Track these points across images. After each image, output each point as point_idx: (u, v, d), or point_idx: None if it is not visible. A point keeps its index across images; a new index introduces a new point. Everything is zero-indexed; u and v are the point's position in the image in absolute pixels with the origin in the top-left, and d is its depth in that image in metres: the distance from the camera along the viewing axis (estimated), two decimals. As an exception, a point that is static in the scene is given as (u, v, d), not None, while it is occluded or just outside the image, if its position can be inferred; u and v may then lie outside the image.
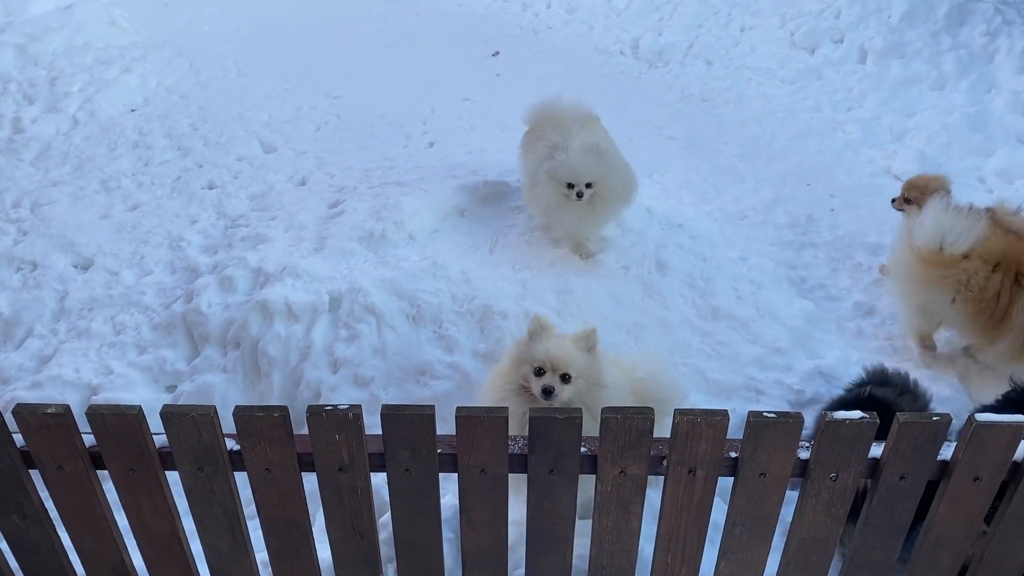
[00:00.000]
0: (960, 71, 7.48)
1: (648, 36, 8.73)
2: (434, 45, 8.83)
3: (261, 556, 2.66)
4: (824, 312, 4.54)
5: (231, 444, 2.35)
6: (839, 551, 2.90)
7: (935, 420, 2.23)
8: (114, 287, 4.98)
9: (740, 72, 8.03)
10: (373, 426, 2.28)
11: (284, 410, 2.26)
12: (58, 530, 2.57)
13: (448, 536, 2.83)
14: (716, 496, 2.42)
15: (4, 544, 2.59)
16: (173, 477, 2.39)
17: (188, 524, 2.55)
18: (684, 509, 2.41)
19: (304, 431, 2.30)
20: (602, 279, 4.50)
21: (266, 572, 2.75)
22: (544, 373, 3.03)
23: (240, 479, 2.41)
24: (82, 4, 9.04)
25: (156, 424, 2.30)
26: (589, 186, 4.46)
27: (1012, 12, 8.01)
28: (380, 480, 2.44)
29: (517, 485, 2.48)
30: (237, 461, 2.36)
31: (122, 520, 2.52)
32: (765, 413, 2.25)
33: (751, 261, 4.85)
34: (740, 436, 2.29)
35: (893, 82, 7.55)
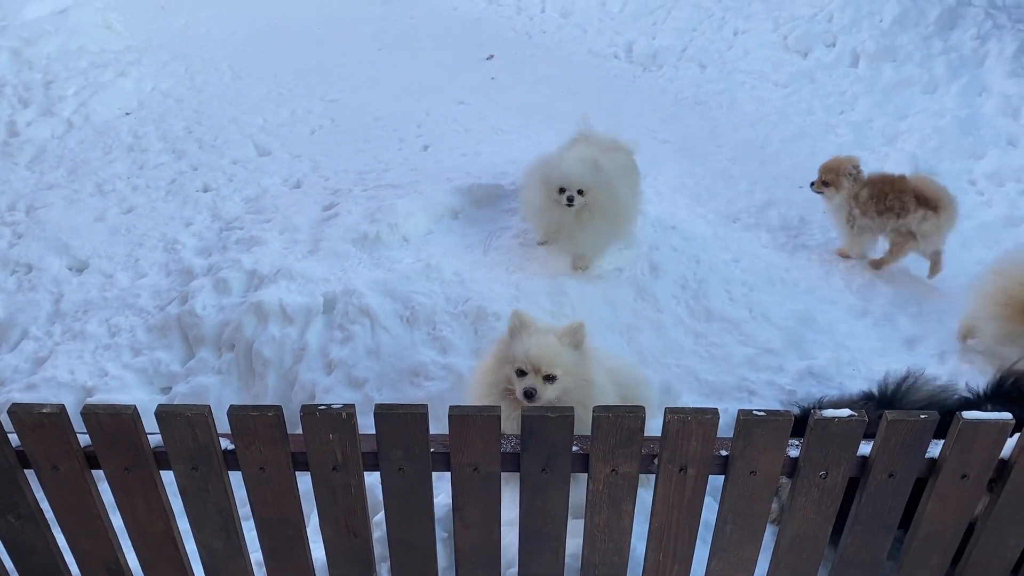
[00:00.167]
0: (951, 74, 7.55)
1: (642, 40, 8.78)
2: (429, 49, 8.87)
3: (256, 556, 2.66)
4: (816, 314, 4.57)
5: (225, 444, 2.36)
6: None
7: (922, 418, 2.25)
8: (109, 289, 4.99)
9: (733, 75, 8.09)
10: (367, 427, 2.30)
11: (278, 409, 2.27)
12: (53, 530, 2.57)
13: (442, 535, 2.84)
14: (708, 495, 2.44)
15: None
16: (168, 478, 2.40)
17: (183, 525, 2.55)
18: (675, 507, 2.43)
19: (298, 432, 2.31)
20: (596, 281, 4.52)
21: (260, 572, 2.75)
22: (526, 374, 2.88)
23: (235, 479, 2.42)
24: (77, 8, 9.07)
25: (151, 426, 2.31)
26: (581, 193, 4.29)
27: (1002, 16, 8.07)
28: (374, 480, 2.46)
29: (512, 485, 2.50)
30: (231, 460, 2.37)
31: (117, 520, 2.52)
32: (755, 411, 2.26)
33: (744, 263, 4.88)
34: (731, 435, 2.31)
35: (885, 85, 7.62)
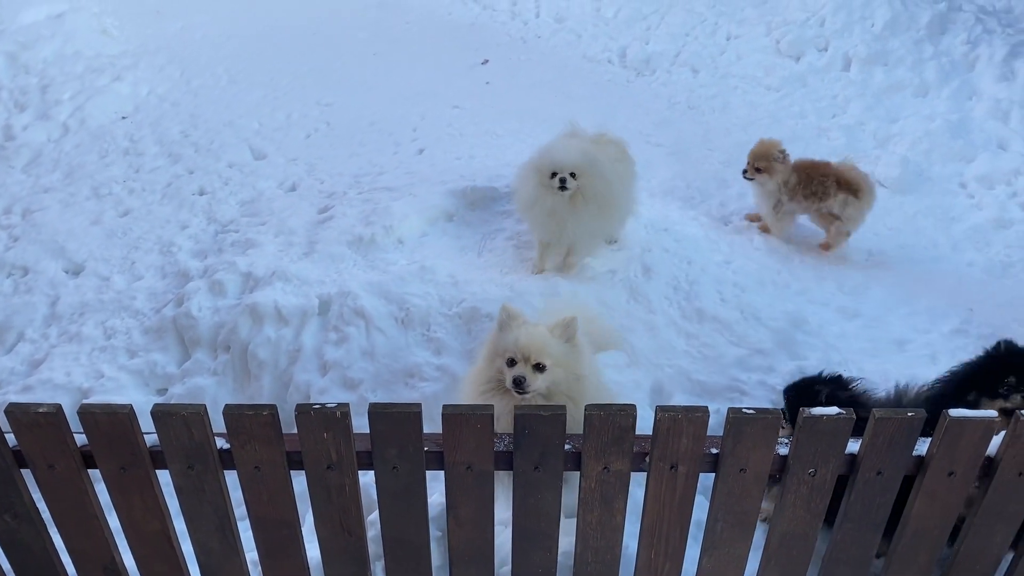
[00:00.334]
0: (942, 78, 7.61)
1: (636, 45, 8.83)
2: (424, 53, 8.90)
3: (251, 555, 2.68)
4: (807, 315, 4.60)
5: (221, 443, 2.37)
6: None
7: (910, 416, 2.28)
8: (105, 292, 5.01)
9: (726, 80, 8.14)
10: (362, 428, 2.32)
11: (273, 408, 2.29)
12: (50, 529, 2.58)
13: (435, 534, 2.85)
14: (699, 494, 2.46)
15: (-4, 544, 2.61)
16: (165, 478, 2.41)
17: (179, 525, 2.57)
18: (667, 505, 2.45)
19: (294, 432, 2.33)
20: (589, 282, 4.55)
21: (256, 571, 2.77)
22: (517, 363, 2.88)
23: (230, 480, 2.43)
24: (73, 13, 9.07)
25: (147, 428, 2.33)
26: (574, 176, 4.25)
27: (992, 21, 8.14)
28: (368, 480, 2.48)
29: (506, 484, 2.51)
30: (227, 460, 2.38)
31: (113, 520, 2.53)
32: (744, 409, 2.29)
33: (735, 265, 4.92)
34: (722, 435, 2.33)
35: (877, 89, 7.67)
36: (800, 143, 6.97)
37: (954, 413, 2.28)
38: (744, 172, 5.46)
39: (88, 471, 2.42)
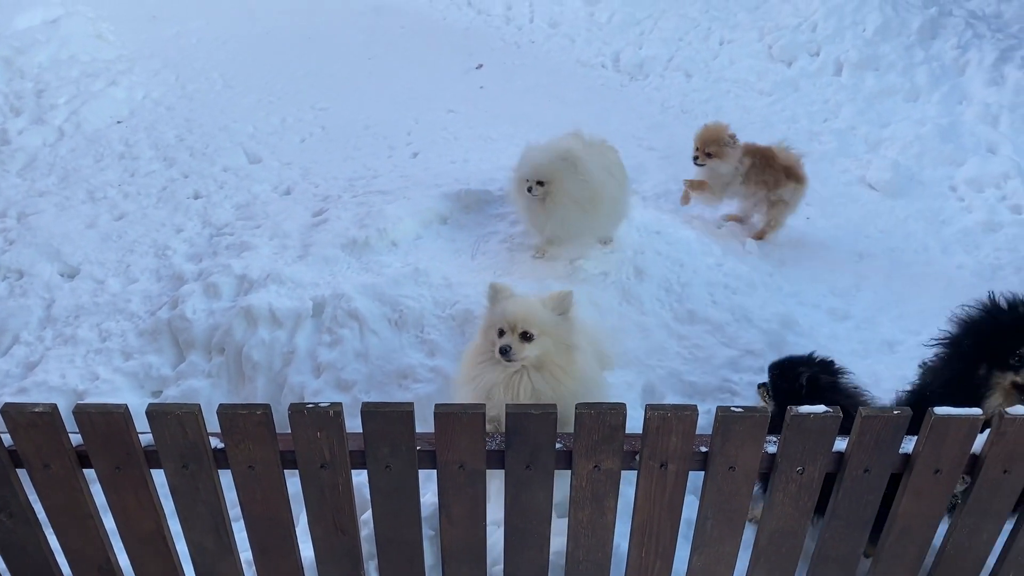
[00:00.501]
0: (932, 83, 7.67)
1: (629, 49, 8.88)
2: (419, 58, 8.94)
3: (245, 555, 2.69)
4: (798, 316, 4.64)
5: (215, 442, 2.39)
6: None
7: (896, 414, 2.31)
8: (100, 295, 5.02)
9: (719, 84, 8.19)
10: (355, 429, 2.34)
11: (267, 408, 2.31)
12: (45, 530, 2.59)
13: (428, 533, 2.87)
14: (690, 493, 2.48)
15: (-9, 544, 2.62)
16: (160, 480, 2.43)
17: (174, 525, 2.59)
18: (657, 503, 2.47)
19: (287, 432, 2.34)
20: (582, 284, 4.57)
21: (250, 571, 2.78)
22: (505, 334, 2.93)
23: (225, 481, 2.45)
24: (68, 18, 9.09)
25: (141, 429, 2.35)
26: (541, 184, 4.43)
27: (982, 26, 8.21)
28: (361, 480, 2.50)
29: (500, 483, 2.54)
30: (221, 459, 2.40)
31: (108, 521, 2.54)
32: (733, 408, 2.32)
33: (727, 267, 4.94)
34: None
35: (868, 94, 7.73)
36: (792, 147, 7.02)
37: (939, 411, 2.31)
38: (695, 159, 5.45)
39: (83, 471, 2.43)
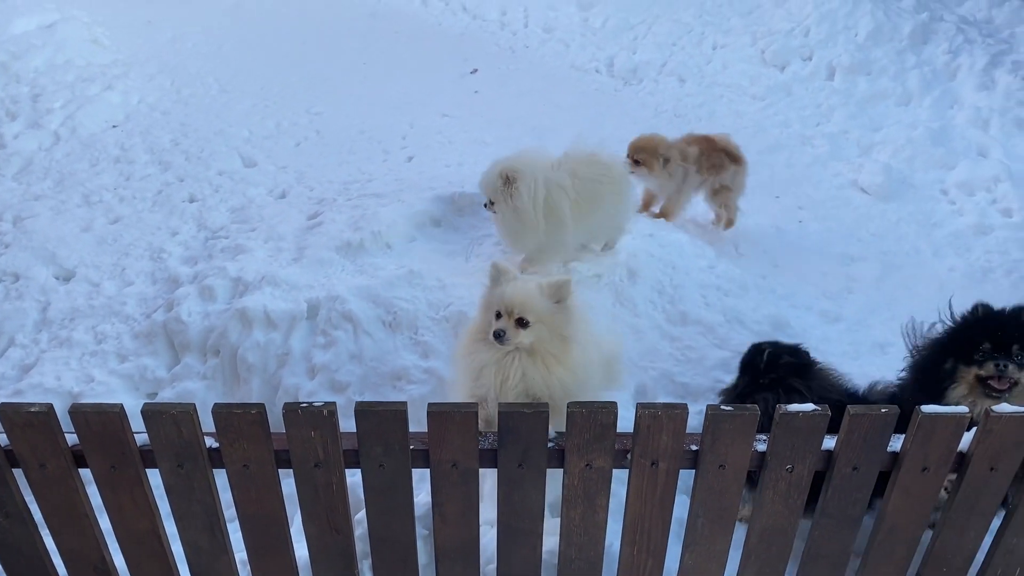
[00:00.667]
0: (924, 87, 7.73)
1: (623, 54, 8.93)
2: (414, 63, 8.97)
3: (240, 556, 2.70)
4: (790, 318, 4.67)
5: (210, 442, 2.41)
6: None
7: (883, 412, 2.34)
8: (95, 298, 5.04)
9: (712, 89, 8.24)
10: (350, 429, 2.36)
11: (261, 407, 2.33)
12: (40, 530, 2.60)
13: (422, 533, 2.89)
14: (682, 494, 2.50)
15: (-13, 543, 2.63)
16: (155, 481, 2.45)
17: (169, 526, 2.60)
18: (648, 501, 2.49)
19: (282, 432, 2.36)
20: (575, 286, 4.59)
21: (245, 571, 2.79)
22: (501, 317, 2.92)
23: (220, 482, 2.47)
24: (64, 23, 9.10)
25: (136, 430, 2.36)
26: (492, 203, 4.42)
27: (973, 31, 8.28)
28: (356, 481, 2.52)
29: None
30: (216, 458, 2.42)
31: (104, 521, 2.56)
32: (722, 406, 2.35)
33: (719, 269, 4.97)
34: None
35: (860, 98, 7.79)
36: (785, 151, 7.08)
37: (926, 409, 2.34)
38: (627, 162, 5.40)
39: (79, 471, 2.44)
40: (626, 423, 2.38)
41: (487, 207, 4.49)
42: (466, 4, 10.32)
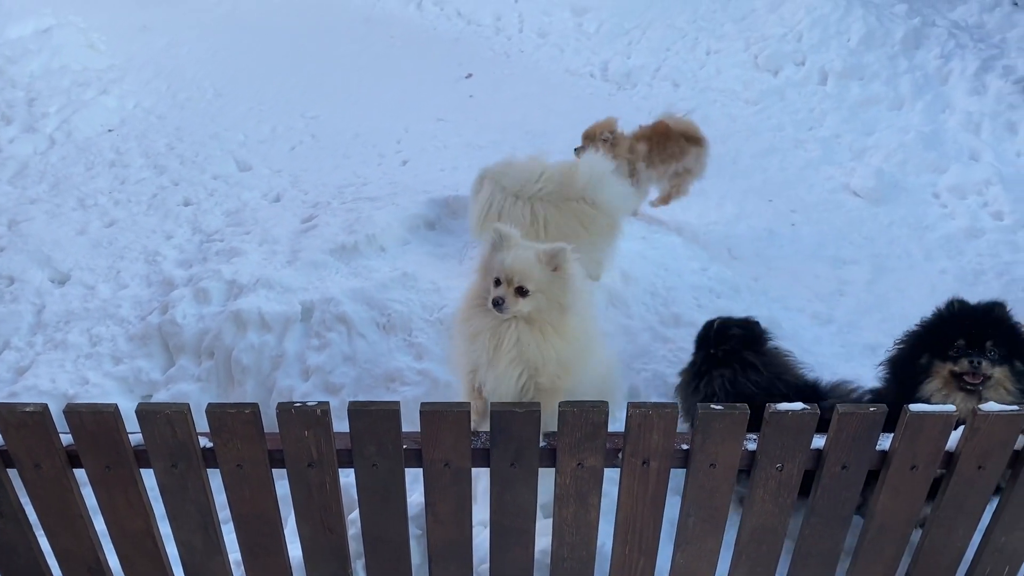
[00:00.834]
0: (916, 92, 7.77)
1: (617, 59, 8.96)
2: (409, 67, 8.99)
3: (235, 557, 2.71)
4: (782, 320, 4.69)
5: (204, 442, 2.42)
6: None
7: (872, 411, 2.36)
8: (90, 300, 5.05)
9: (706, 93, 8.27)
10: (344, 430, 2.37)
11: (255, 407, 2.34)
12: (35, 530, 2.61)
13: (416, 533, 2.90)
14: (675, 494, 2.52)
15: (-18, 544, 2.63)
16: (150, 483, 2.46)
17: (163, 527, 2.61)
18: (639, 500, 2.51)
19: (276, 432, 2.37)
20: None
21: (239, 572, 2.81)
22: (501, 284, 2.88)
23: (215, 485, 2.48)
24: (60, 28, 9.11)
25: (131, 431, 2.38)
26: None
27: (965, 36, 8.34)
28: (350, 482, 2.53)
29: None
30: (210, 458, 2.43)
31: (98, 523, 2.57)
32: (712, 405, 2.36)
33: (711, 272, 5.00)
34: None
35: (852, 102, 7.83)
36: (777, 155, 7.11)
37: (914, 408, 2.36)
38: (576, 150, 5.49)
39: (74, 471, 2.45)
40: (618, 425, 2.40)
41: None
42: (461, 9, 10.35)
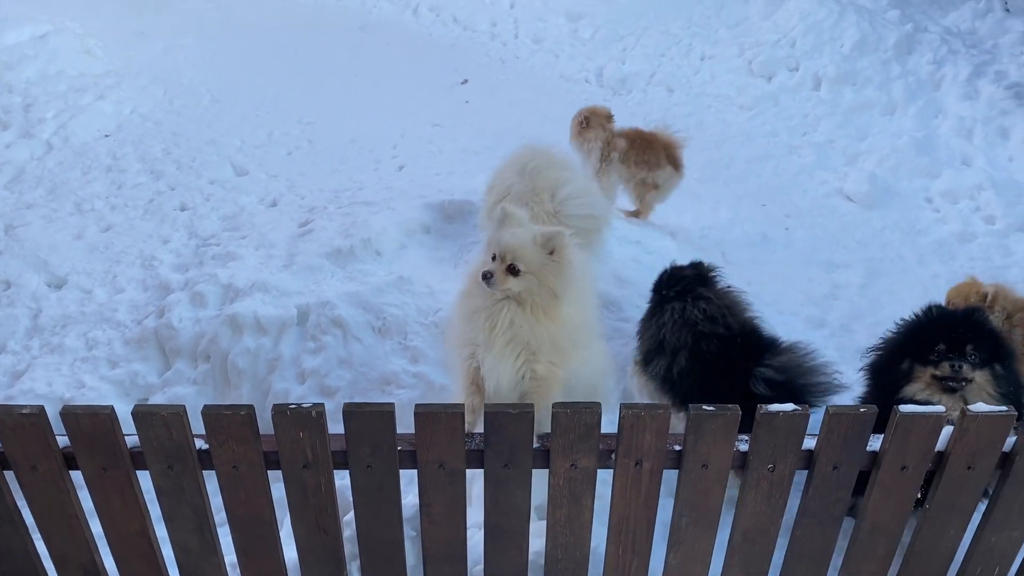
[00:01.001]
0: (909, 97, 7.82)
1: (612, 65, 9.01)
2: (405, 73, 9.03)
3: (230, 559, 2.72)
4: (776, 324, 4.71)
5: (200, 444, 2.43)
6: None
7: (862, 411, 2.38)
8: (87, 304, 5.06)
9: (700, 99, 8.32)
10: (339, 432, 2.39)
11: (250, 408, 2.36)
12: (31, 532, 2.61)
13: (410, 534, 2.90)
14: (668, 497, 2.53)
15: (-22, 545, 2.63)
16: (147, 485, 2.47)
17: (159, 529, 2.62)
18: (632, 501, 2.52)
19: (271, 434, 2.39)
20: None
21: (234, 573, 2.81)
22: (495, 260, 2.87)
23: (211, 487, 2.49)
24: (57, 34, 9.14)
25: (127, 433, 2.39)
26: None
27: (957, 42, 8.39)
28: (345, 484, 2.54)
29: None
30: (206, 460, 2.44)
31: (94, 524, 2.57)
32: (704, 406, 2.38)
33: (706, 275, 5.02)
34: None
35: (846, 108, 7.88)
36: (771, 160, 7.16)
37: (904, 409, 2.38)
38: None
39: (70, 473, 2.46)
40: (611, 428, 2.41)
41: None
42: (456, 15, 10.39)
